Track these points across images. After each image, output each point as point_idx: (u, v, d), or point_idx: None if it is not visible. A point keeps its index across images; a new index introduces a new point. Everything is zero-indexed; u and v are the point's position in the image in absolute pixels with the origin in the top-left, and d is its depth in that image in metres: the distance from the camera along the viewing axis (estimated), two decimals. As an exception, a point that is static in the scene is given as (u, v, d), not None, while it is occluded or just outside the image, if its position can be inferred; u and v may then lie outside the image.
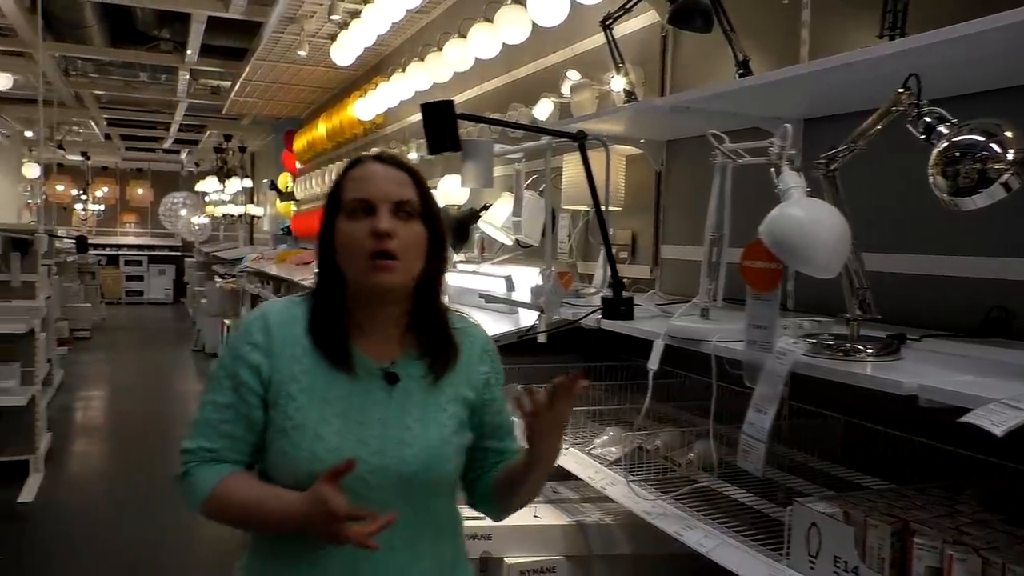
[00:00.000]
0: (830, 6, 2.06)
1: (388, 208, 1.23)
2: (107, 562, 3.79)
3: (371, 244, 1.21)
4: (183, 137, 13.08)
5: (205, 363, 9.58)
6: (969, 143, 1.11)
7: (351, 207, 1.24)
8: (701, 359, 1.68)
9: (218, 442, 1.25)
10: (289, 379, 1.23)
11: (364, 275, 1.23)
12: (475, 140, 2.08)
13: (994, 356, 1.39)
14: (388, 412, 1.25)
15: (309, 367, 1.24)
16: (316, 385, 1.23)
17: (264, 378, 1.24)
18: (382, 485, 1.21)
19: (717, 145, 1.56)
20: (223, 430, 1.25)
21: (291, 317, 1.28)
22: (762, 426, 1.31)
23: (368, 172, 1.26)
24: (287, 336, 1.26)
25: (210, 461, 1.26)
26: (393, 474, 1.22)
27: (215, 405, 1.26)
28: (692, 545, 1.46)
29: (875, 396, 1.31)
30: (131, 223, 17.57)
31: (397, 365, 1.27)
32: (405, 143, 5.19)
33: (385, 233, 1.21)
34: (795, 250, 1.22)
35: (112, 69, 9.08)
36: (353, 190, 1.25)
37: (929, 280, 1.75)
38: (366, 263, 1.21)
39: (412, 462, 1.23)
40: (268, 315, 1.28)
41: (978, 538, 1.16)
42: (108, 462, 5.63)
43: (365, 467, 1.19)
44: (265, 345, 1.25)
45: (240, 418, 1.25)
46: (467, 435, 1.32)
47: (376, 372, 1.26)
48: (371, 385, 1.25)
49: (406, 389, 1.27)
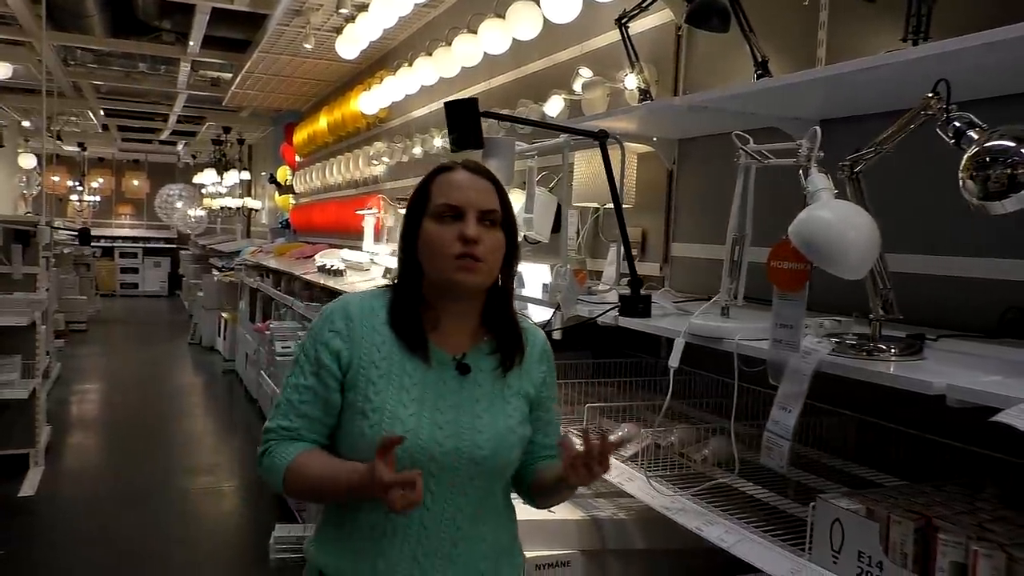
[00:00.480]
0: (848, 7, 2.08)
1: (475, 215, 1.31)
2: (109, 555, 3.81)
3: (459, 247, 1.29)
4: (181, 129, 13.03)
5: (202, 356, 9.58)
6: (1000, 148, 1.13)
7: (440, 211, 1.32)
8: (711, 357, 1.70)
9: (296, 421, 1.34)
10: (368, 364, 1.32)
11: (449, 273, 1.31)
12: (497, 138, 2.09)
13: (1014, 356, 1.41)
14: (460, 399, 1.34)
15: (387, 354, 1.33)
16: (393, 371, 1.32)
17: (344, 363, 1.33)
18: (455, 467, 1.30)
19: (741, 146, 1.57)
20: (302, 410, 1.34)
21: (371, 307, 1.37)
22: (787, 424, 1.33)
23: (458, 180, 1.34)
24: (367, 325, 1.35)
25: (288, 439, 1.35)
26: (466, 457, 1.31)
27: (296, 387, 1.35)
28: (713, 540, 1.48)
29: (887, 394, 1.34)
30: (126, 215, 17.53)
31: (468, 357, 1.37)
32: (410, 137, 5.20)
33: (473, 239, 1.29)
34: (825, 251, 1.23)
35: (111, 59, 9.04)
36: (442, 195, 1.33)
37: (944, 280, 1.77)
38: (452, 263, 1.30)
39: (485, 446, 1.32)
40: (349, 304, 1.38)
41: (1002, 534, 1.18)
42: (108, 455, 5.64)
43: (440, 449, 1.29)
44: (346, 332, 1.34)
45: (318, 399, 1.34)
46: (528, 428, 1.40)
47: (449, 362, 1.35)
48: (444, 374, 1.34)
49: (476, 380, 1.36)
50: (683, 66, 2.72)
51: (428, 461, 1.28)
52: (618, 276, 2.46)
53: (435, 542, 1.31)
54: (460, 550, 1.33)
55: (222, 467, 5.31)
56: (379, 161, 5.72)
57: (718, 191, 2.55)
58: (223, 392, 7.80)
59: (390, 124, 5.97)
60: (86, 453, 5.65)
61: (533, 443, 1.44)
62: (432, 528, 1.31)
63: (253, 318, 7.27)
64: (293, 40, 5.96)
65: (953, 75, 1.29)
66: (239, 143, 12.33)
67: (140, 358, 9.57)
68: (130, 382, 8.14)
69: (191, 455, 5.67)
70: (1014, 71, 1.44)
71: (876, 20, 1.99)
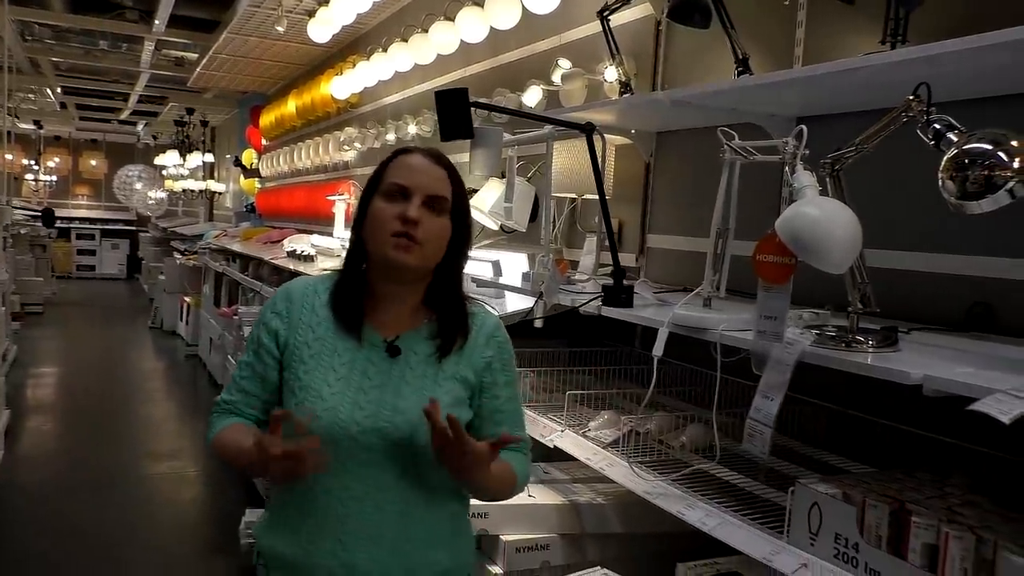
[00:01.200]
0: (826, 8, 2.13)
1: (421, 198, 1.35)
2: (71, 541, 3.76)
3: (397, 226, 1.33)
4: (141, 109, 12.76)
5: (163, 340, 9.44)
6: (978, 151, 1.18)
7: (389, 189, 1.36)
8: (681, 346, 1.75)
9: (236, 396, 1.44)
10: (302, 344, 1.38)
11: (385, 249, 1.34)
12: (485, 128, 2.11)
13: (983, 349, 1.48)
14: (387, 380, 1.36)
15: (322, 335, 1.39)
16: (324, 351, 1.37)
17: (281, 342, 1.40)
18: (372, 446, 1.33)
19: (726, 142, 1.61)
20: (241, 386, 1.43)
21: (314, 290, 1.44)
22: (769, 412, 1.38)
23: (412, 162, 1.38)
24: (307, 306, 1.41)
25: (227, 413, 1.44)
26: (383, 436, 1.33)
27: (240, 364, 1.45)
28: (695, 523, 1.52)
29: (856, 384, 1.40)
30: (83, 195, 17.14)
31: (401, 340, 1.39)
32: (382, 123, 5.18)
33: (412, 220, 1.32)
34: (811, 247, 1.28)
35: (71, 36, 8.82)
36: (394, 175, 1.37)
37: (914, 276, 1.84)
38: (389, 240, 1.33)
39: (403, 427, 1.33)
40: (292, 287, 1.46)
41: (971, 517, 1.25)
42: (68, 440, 5.54)
43: (357, 428, 1.33)
44: (285, 313, 1.41)
45: (256, 376, 1.42)
46: (464, 412, 1.40)
47: (380, 344, 1.38)
48: (374, 355, 1.38)
49: (407, 362, 1.38)
50: (662, 60, 2.76)
51: (347, 439, 1.32)
52: (596, 266, 2.50)
53: (357, 522, 1.33)
54: (384, 531, 1.34)
55: (185, 452, 5.26)
56: (350, 147, 5.69)
57: (695, 184, 2.61)
58: (186, 377, 7.71)
59: (361, 109, 5.94)
60: (46, 438, 5.56)
61: (477, 431, 1.43)
62: (353, 508, 1.32)
63: (218, 302, 7.18)
64: (263, 22, 5.89)
65: (931, 78, 1.35)
66: (203, 124, 12.12)
67: (99, 341, 9.41)
68: (90, 366, 8.01)
69: (154, 440, 5.61)
70: (990, 75, 1.50)
71: (853, 21, 2.05)
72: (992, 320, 1.67)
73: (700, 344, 1.69)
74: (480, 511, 1.99)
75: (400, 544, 1.35)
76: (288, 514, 1.38)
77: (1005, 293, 1.65)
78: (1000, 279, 1.66)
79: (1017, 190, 1.16)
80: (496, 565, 2.00)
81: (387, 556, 1.34)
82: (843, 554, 1.30)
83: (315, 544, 1.34)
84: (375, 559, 1.33)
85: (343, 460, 1.31)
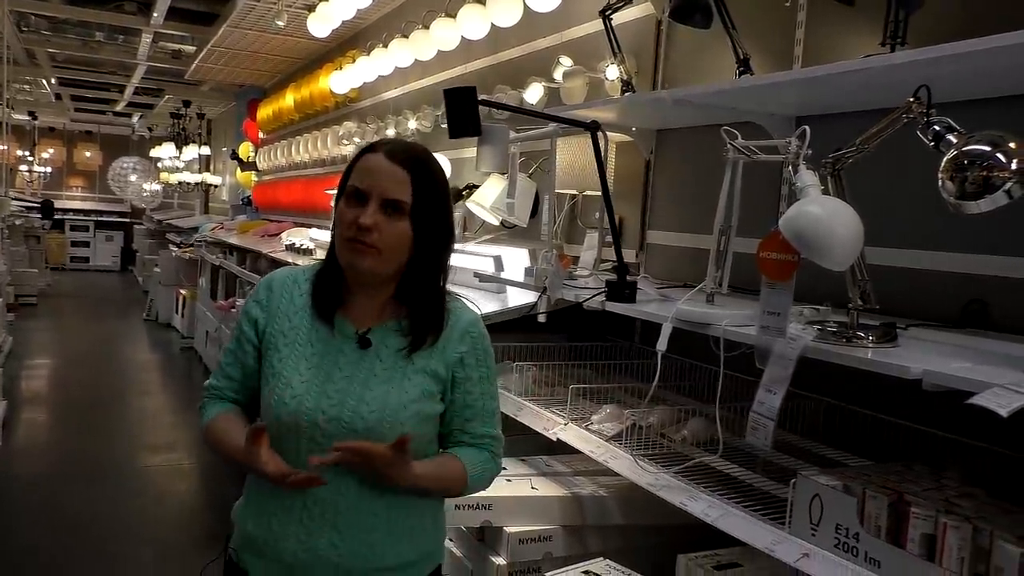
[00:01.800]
0: (826, 9, 2.16)
1: (378, 202, 1.35)
2: (68, 532, 3.78)
3: (352, 232, 1.35)
4: (137, 100, 12.71)
5: (159, 333, 9.43)
6: (977, 153, 1.22)
7: (349, 192, 1.39)
8: (681, 342, 1.78)
9: (222, 381, 1.50)
10: (278, 333, 1.43)
11: (343, 253, 1.39)
12: (492, 125, 2.13)
13: (979, 345, 1.51)
14: (356, 371, 1.39)
15: (297, 324, 1.43)
16: (299, 340, 1.42)
17: (260, 330, 1.45)
18: (336, 435, 1.34)
19: (730, 141, 1.65)
20: (226, 371, 1.49)
21: (295, 280, 1.48)
22: (772, 405, 1.42)
23: (371, 164, 1.38)
24: (286, 296, 1.46)
25: (215, 398, 1.50)
26: (347, 427, 1.35)
27: (226, 351, 1.51)
28: (698, 514, 1.56)
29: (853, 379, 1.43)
30: (78, 187, 17.08)
31: (373, 332, 1.42)
32: (382, 118, 5.19)
33: (364, 227, 1.34)
34: (814, 244, 1.32)
35: (68, 27, 8.78)
36: (355, 178, 1.39)
37: (911, 273, 1.87)
38: (346, 244, 1.37)
39: (368, 418, 1.36)
40: (274, 278, 1.51)
41: (968, 508, 1.29)
42: (64, 432, 5.55)
43: (323, 417, 1.36)
44: (266, 302, 1.47)
45: (237, 362, 1.48)
46: (435, 405, 1.42)
47: (352, 335, 1.42)
48: (345, 346, 1.41)
49: (377, 355, 1.41)
50: (663, 59, 2.79)
51: (311, 427, 1.36)
52: (598, 261, 2.53)
53: (319, 508, 1.37)
54: (346, 519, 1.37)
55: (181, 445, 5.28)
56: (350, 141, 5.70)
57: (695, 181, 2.64)
58: (181, 370, 7.71)
59: (361, 104, 5.95)
60: (41, 429, 5.57)
61: (448, 425, 1.46)
62: (317, 494, 1.35)
63: (215, 295, 7.19)
64: (263, 16, 5.89)
65: (931, 79, 1.38)
66: (199, 117, 12.09)
67: (95, 334, 9.39)
68: (86, 358, 8.00)
69: (150, 433, 5.62)
70: (988, 77, 1.54)
71: (852, 22, 2.08)
72: (987, 317, 1.71)
73: (698, 339, 1.72)
74: (484, 503, 2.03)
75: (362, 533, 1.38)
76: (260, 497, 1.43)
77: (1000, 291, 1.69)
78: (995, 277, 1.70)
79: (1014, 191, 1.19)
80: (500, 556, 2.04)
81: (348, 544, 1.37)
82: (844, 544, 1.34)
83: (282, 527, 1.38)
84: (335, 545, 1.37)
85: (308, 448, 1.35)
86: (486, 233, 3.65)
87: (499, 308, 2.30)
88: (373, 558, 1.39)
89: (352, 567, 1.38)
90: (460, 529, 2.15)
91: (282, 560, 1.38)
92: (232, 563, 1.48)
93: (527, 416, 2.21)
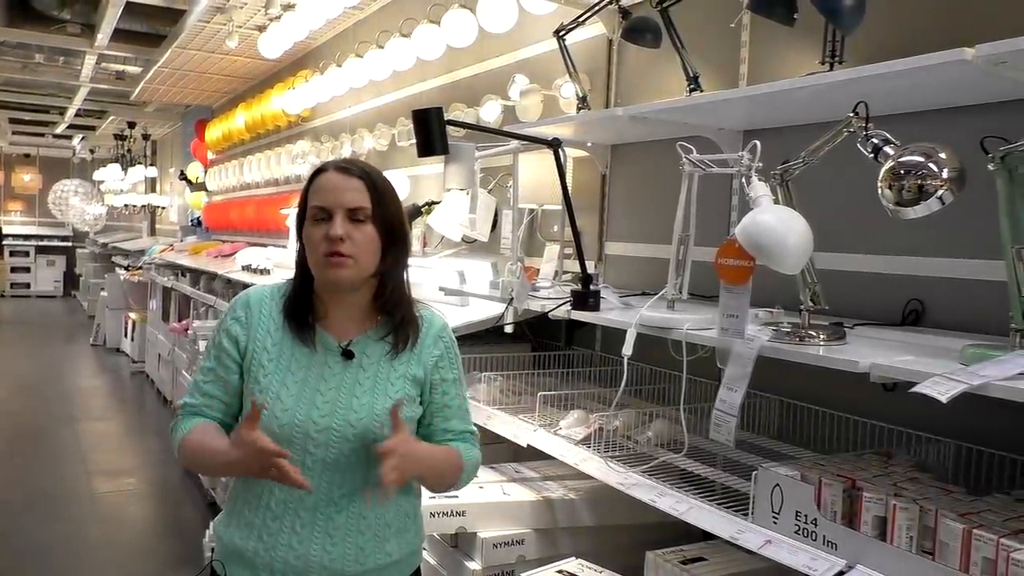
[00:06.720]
0: (768, 30, 2.29)
1: (342, 215, 1.43)
2: (18, 562, 3.70)
3: (326, 247, 1.42)
4: (79, 123, 12.44)
5: (108, 358, 9.24)
6: (912, 163, 1.33)
7: (313, 214, 1.45)
8: (641, 348, 1.87)
9: (200, 399, 1.51)
10: (261, 349, 1.48)
11: (322, 271, 1.45)
12: (459, 144, 2.20)
13: (919, 340, 1.63)
14: (342, 382, 1.46)
15: (279, 341, 1.48)
16: (283, 356, 1.47)
17: (241, 348, 1.49)
18: (327, 444, 1.43)
19: (685, 156, 1.74)
20: (204, 390, 1.51)
21: (270, 297, 1.53)
22: (733, 402, 1.51)
23: (326, 182, 1.45)
24: (264, 313, 1.51)
25: (192, 415, 1.51)
26: (338, 434, 1.43)
27: (202, 369, 1.53)
28: (666, 510, 1.64)
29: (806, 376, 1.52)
30: (16, 211, 16.62)
31: (354, 344, 1.49)
32: (336, 137, 5.22)
33: (338, 238, 1.41)
34: (768, 251, 1.42)
35: (5, 49, 8.59)
36: (315, 198, 1.45)
37: (854, 276, 2.00)
38: (324, 261, 1.43)
39: (356, 425, 1.43)
40: (251, 294, 1.55)
41: (914, 492, 1.39)
42: (10, 459, 5.39)
43: (315, 427, 1.43)
44: (245, 320, 1.50)
45: (219, 380, 1.50)
46: (416, 409, 1.51)
47: (335, 348, 1.48)
48: (329, 359, 1.47)
49: (360, 364, 1.48)
50: (615, 77, 2.90)
51: (304, 438, 1.42)
52: (559, 273, 2.61)
53: (312, 515, 1.43)
54: (337, 524, 1.44)
55: (137, 470, 5.21)
56: (304, 160, 5.71)
57: (649, 194, 2.75)
58: (133, 394, 7.58)
59: (314, 123, 5.97)
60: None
61: (430, 426, 1.55)
62: (309, 501, 1.43)
63: (167, 318, 7.10)
64: (213, 36, 5.87)
65: (867, 95, 1.50)
66: (144, 138, 11.90)
67: (41, 360, 9.16)
68: (34, 384, 7.80)
69: (104, 458, 5.52)
70: (920, 92, 1.67)
71: (794, 41, 2.21)
72: (924, 315, 1.84)
73: (658, 344, 1.81)
74: (457, 510, 2.09)
75: (353, 537, 1.45)
76: (246, 510, 1.47)
77: (936, 291, 1.82)
78: (931, 278, 1.83)
79: (946, 197, 1.31)
80: (474, 561, 2.09)
81: (339, 548, 1.44)
82: (803, 529, 1.43)
83: (273, 537, 1.43)
84: (328, 550, 1.43)
85: (301, 458, 1.41)
86: (446, 248, 3.71)
87: (467, 321, 2.36)
88: (363, 559, 1.46)
89: (343, 570, 1.44)
90: (434, 537, 2.20)
91: (273, 569, 1.43)
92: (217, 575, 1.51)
93: (497, 424, 2.27)
